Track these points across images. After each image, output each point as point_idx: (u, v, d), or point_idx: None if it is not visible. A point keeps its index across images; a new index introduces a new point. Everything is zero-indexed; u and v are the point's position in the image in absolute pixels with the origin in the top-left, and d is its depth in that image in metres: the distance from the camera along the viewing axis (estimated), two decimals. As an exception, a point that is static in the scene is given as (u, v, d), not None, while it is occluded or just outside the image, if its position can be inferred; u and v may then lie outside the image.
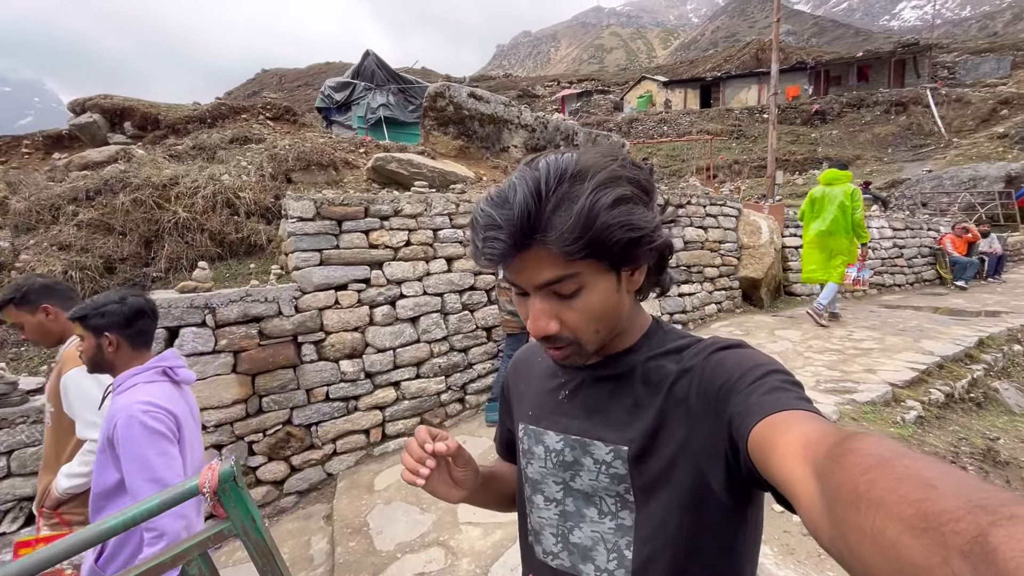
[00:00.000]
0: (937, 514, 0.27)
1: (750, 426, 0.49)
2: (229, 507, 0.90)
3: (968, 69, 29.11)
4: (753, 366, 0.55)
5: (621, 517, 0.64)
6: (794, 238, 7.25)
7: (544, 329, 0.60)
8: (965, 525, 0.25)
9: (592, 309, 0.60)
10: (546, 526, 0.71)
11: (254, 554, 0.92)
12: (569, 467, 0.68)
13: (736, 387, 0.54)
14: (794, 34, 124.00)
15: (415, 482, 0.64)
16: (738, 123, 25.65)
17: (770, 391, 0.51)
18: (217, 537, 0.90)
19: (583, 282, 0.58)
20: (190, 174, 3.92)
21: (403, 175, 4.95)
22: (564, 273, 0.57)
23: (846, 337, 4.94)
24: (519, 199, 0.54)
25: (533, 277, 0.58)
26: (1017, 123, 19.85)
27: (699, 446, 0.58)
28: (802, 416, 0.46)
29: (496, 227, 0.55)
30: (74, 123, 5.59)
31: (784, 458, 0.43)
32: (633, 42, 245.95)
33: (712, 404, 0.56)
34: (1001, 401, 3.96)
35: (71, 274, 3.31)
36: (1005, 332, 4.95)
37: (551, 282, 0.58)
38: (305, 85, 49.25)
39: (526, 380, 0.82)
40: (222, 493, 0.90)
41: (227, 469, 0.90)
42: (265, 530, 0.94)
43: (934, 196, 13.99)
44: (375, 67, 9.63)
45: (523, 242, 0.55)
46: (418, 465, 0.64)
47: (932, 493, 0.28)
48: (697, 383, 0.59)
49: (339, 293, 3.47)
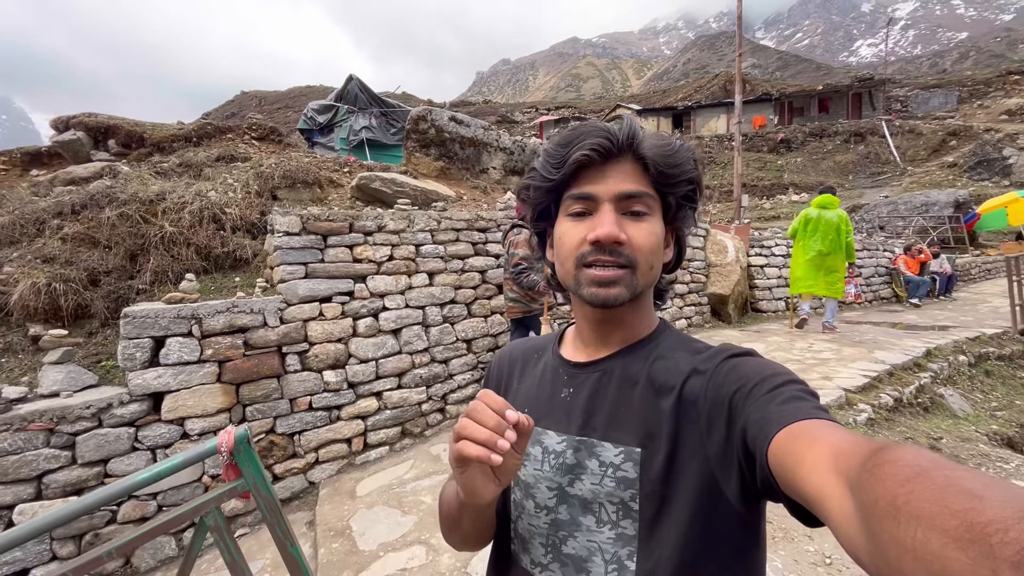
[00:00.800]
0: (984, 524, 0.26)
1: (769, 436, 0.47)
2: (243, 466, 1.03)
3: (919, 103, 31.13)
4: (770, 375, 0.54)
5: (622, 526, 0.60)
6: (759, 257, 7.64)
7: (615, 234, 0.60)
8: (1015, 535, 0.24)
9: (654, 235, 0.63)
10: (535, 535, 0.67)
11: (263, 508, 1.05)
12: (569, 470, 0.64)
13: (752, 394, 0.53)
14: (760, 67, 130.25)
15: (488, 458, 0.50)
16: (708, 150, 26.74)
17: (788, 400, 0.50)
18: (231, 493, 1.03)
19: (651, 208, 0.64)
20: (177, 190, 4.02)
21: (387, 193, 5.13)
22: (644, 190, 0.63)
23: (807, 349, 5.24)
24: (627, 122, 0.64)
25: (616, 185, 0.62)
26: (965, 153, 21.28)
27: (711, 452, 0.56)
28: (826, 426, 0.45)
29: (603, 132, 0.62)
30: (57, 140, 5.62)
31: (813, 471, 0.41)
32: (608, 72, 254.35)
33: (725, 410, 0.55)
34: (946, 406, 4.26)
35: (55, 286, 3.34)
36: (951, 344, 5.32)
37: (630, 195, 0.62)
38: (285, 107, 49.32)
39: (520, 376, 0.78)
40: (237, 454, 1.03)
41: (242, 432, 1.04)
42: (272, 487, 1.07)
43: (890, 220, 14.83)
44: (358, 91, 9.89)
45: (624, 147, 0.62)
46: (495, 435, 0.51)
47: (977, 503, 0.27)
48: (710, 387, 0.58)
49: (323, 305, 3.58)
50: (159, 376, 2.92)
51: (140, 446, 2.87)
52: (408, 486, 3.17)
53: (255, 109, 46.25)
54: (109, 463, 2.77)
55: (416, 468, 3.44)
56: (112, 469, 2.78)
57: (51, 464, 2.62)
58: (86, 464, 2.70)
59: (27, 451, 2.58)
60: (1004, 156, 19.38)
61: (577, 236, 0.63)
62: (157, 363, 2.95)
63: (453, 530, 0.72)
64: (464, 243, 4.41)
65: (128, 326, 2.87)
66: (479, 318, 4.43)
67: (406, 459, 3.63)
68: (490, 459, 0.50)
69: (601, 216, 0.61)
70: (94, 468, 2.73)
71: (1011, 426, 3.99)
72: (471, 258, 4.45)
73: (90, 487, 2.72)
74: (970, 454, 3.34)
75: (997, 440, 3.74)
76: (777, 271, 7.79)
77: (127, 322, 2.87)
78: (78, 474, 2.68)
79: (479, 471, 0.55)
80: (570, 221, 0.64)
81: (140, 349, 2.90)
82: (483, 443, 0.50)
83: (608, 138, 0.61)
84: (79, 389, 2.89)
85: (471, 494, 0.56)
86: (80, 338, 3.28)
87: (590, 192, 0.62)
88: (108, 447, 2.76)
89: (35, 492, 2.61)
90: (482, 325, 4.43)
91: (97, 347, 3.29)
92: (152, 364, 2.95)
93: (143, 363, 2.91)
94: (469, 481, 0.55)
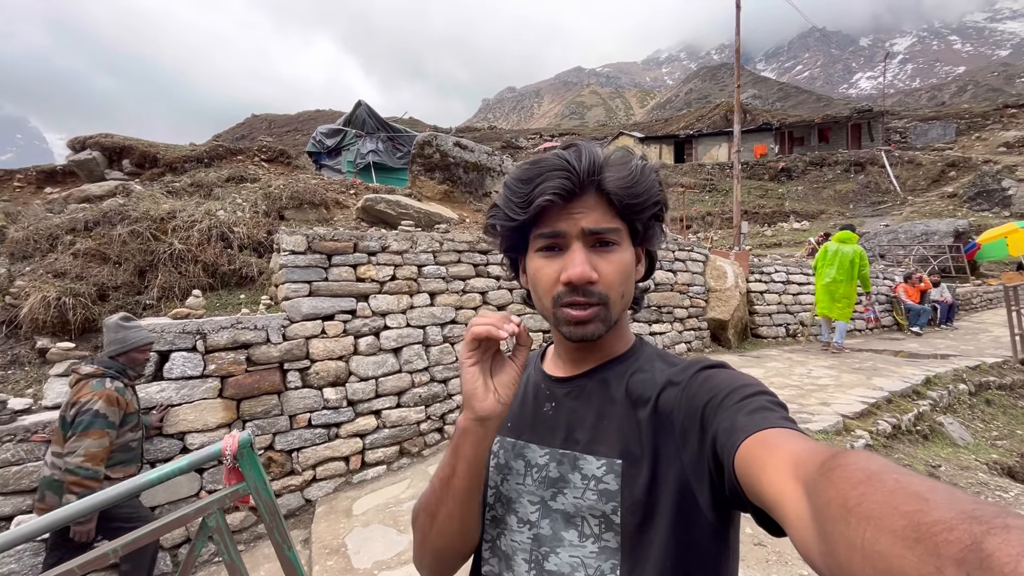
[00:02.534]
0: (930, 524, 0.27)
1: (736, 444, 0.48)
2: (246, 469, 1.07)
3: (918, 134, 31.57)
4: (740, 385, 0.56)
5: (605, 539, 0.61)
6: (759, 283, 7.69)
7: (586, 274, 0.61)
8: (959, 534, 0.25)
9: (624, 265, 0.64)
10: (518, 550, 0.66)
11: (263, 511, 1.08)
12: (553, 484, 0.65)
13: (723, 404, 0.54)
14: (760, 98, 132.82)
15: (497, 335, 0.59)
16: (710, 177, 27.09)
17: (756, 410, 0.51)
18: (233, 495, 1.07)
19: (620, 240, 0.64)
20: (187, 209, 4.14)
21: (391, 215, 5.24)
22: (610, 225, 0.63)
23: (805, 375, 5.24)
24: (586, 151, 0.63)
25: (582, 221, 0.62)
26: (963, 184, 21.47)
27: (686, 462, 0.57)
28: (789, 434, 0.47)
29: (563, 168, 0.61)
30: (73, 159, 5.81)
31: (774, 477, 0.43)
32: (612, 100, 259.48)
33: (698, 420, 0.56)
34: (946, 434, 4.24)
35: (64, 300, 3.42)
36: (951, 372, 5.31)
37: (597, 231, 0.62)
38: (294, 131, 50.40)
39: None
40: (240, 457, 1.08)
41: (245, 437, 1.08)
42: (272, 491, 1.11)
43: (891, 248, 14.90)
44: (366, 116, 10.16)
45: (586, 182, 0.62)
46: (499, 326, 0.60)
47: (924, 505, 0.28)
48: (684, 398, 0.59)
49: (326, 323, 3.64)
50: (162, 390, 2.97)
51: (140, 459, 2.89)
52: (404, 505, 3.17)
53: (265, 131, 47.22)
54: (108, 476, 2.79)
55: (413, 487, 3.44)
56: (111, 482, 2.80)
57: (52, 476, 2.64)
58: (86, 476, 2.72)
59: (28, 462, 2.61)
60: (1003, 187, 19.57)
61: (551, 275, 0.64)
62: (161, 377, 3.00)
63: (430, 517, 0.67)
64: (466, 264, 4.49)
65: (134, 340, 2.93)
66: (479, 338, 4.47)
67: (403, 478, 3.63)
68: (498, 333, 0.59)
69: (572, 255, 0.62)
70: (94, 481, 2.75)
71: (1012, 455, 3.97)
72: (472, 279, 4.52)
73: (88, 500, 2.74)
74: (968, 483, 3.32)
75: (997, 469, 3.72)
76: (777, 297, 7.82)
77: (133, 336, 2.93)
78: (77, 486, 2.70)
79: (480, 375, 0.61)
80: (541, 258, 0.65)
81: (146, 363, 2.95)
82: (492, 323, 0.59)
83: (569, 178, 0.61)
84: (83, 402, 2.93)
85: (472, 396, 0.60)
86: (86, 352, 3.34)
87: (558, 230, 0.63)
88: (108, 460, 2.78)
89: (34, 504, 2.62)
90: (482, 345, 4.47)
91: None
92: (156, 378, 3.00)
93: (148, 377, 2.96)
94: (472, 381, 0.60)
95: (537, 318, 4.37)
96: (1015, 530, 0.24)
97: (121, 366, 2.54)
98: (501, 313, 0.63)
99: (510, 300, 4.67)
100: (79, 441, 2.30)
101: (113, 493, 0.97)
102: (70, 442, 2.30)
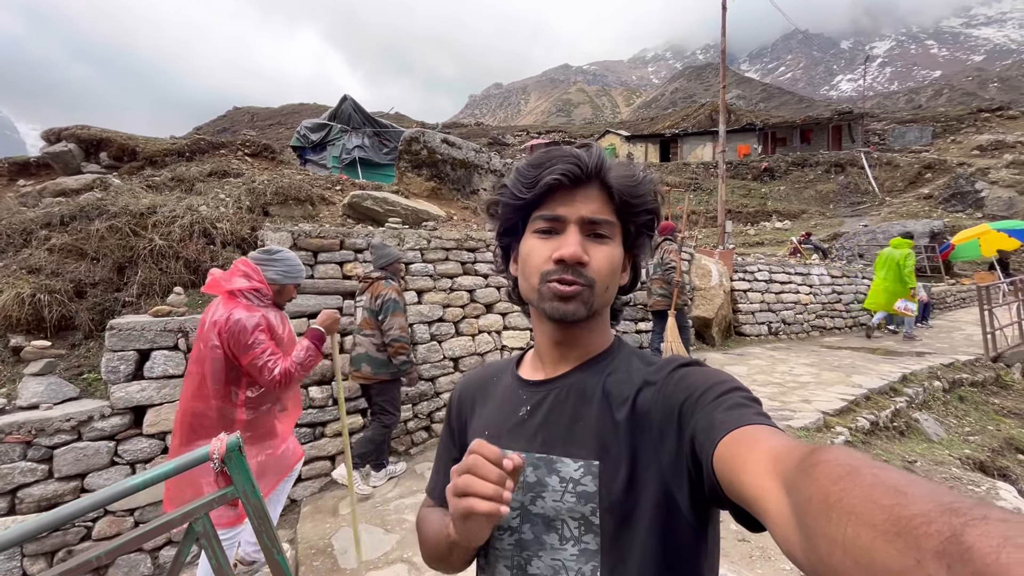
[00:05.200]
0: (909, 518, 0.27)
1: (715, 442, 0.49)
2: (234, 473, 1.06)
3: (896, 136, 32.27)
4: (715, 383, 0.56)
5: (585, 541, 0.61)
6: (742, 282, 7.81)
7: (579, 254, 0.64)
8: (938, 527, 0.25)
9: (614, 259, 0.67)
10: (500, 557, 0.67)
11: (252, 515, 1.07)
12: (531, 488, 0.65)
13: (699, 403, 0.54)
14: (744, 98, 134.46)
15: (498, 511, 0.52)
16: (695, 176, 27.35)
17: (732, 407, 0.52)
18: (221, 499, 1.06)
19: (612, 234, 0.68)
20: (168, 204, 4.04)
21: (378, 212, 5.19)
22: (607, 217, 0.67)
23: (787, 372, 5.34)
24: (596, 150, 0.68)
25: (583, 209, 0.66)
26: (939, 186, 22.04)
27: (665, 462, 0.57)
28: (766, 431, 0.47)
29: (573, 159, 0.66)
30: (48, 151, 5.62)
31: (753, 474, 0.43)
32: (599, 98, 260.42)
33: (675, 419, 0.56)
34: (921, 430, 4.36)
35: (39, 297, 3.32)
36: (927, 369, 5.46)
37: (595, 220, 0.66)
38: (277, 124, 49.59)
39: (481, 402, 0.79)
40: (228, 460, 1.06)
41: (233, 440, 1.07)
42: (260, 495, 1.10)
43: (869, 248, 15.23)
44: (352, 111, 10.04)
45: (592, 174, 0.66)
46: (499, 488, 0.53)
47: (903, 499, 0.29)
48: (661, 398, 0.60)
49: (311, 321, 3.59)
50: (143, 389, 2.91)
51: (120, 460, 2.83)
52: (392, 504, 3.16)
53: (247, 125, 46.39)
54: (87, 478, 2.73)
55: (400, 486, 3.42)
56: (89, 484, 2.74)
57: (26, 478, 2.58)
58: (63, 478, 2.66)
59: (2, 464, 2.54)
60: (976, 189, 20.14)
61: (543, 253, 0.66)
62: (141, 376, 2.94)
63: (439, 562, 0.72)
64: (453, 262, 4.47)
65: (114, 338, 2.86)
66: (467, 336, 4.46)
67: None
68: (500, 512, 0.52)
69: (567, 237, 0.65)
70: (71, 482, 2.69)
71: (983, 451, 4.10)
72: (460, 277, 4.51)
73: (66, 502, 2.66)
74: (943, 477, 3.42)
75: (970, 464, 3.84)
76: (760, 296, 7.95)
77: (113, 334, 2.87)
78: (54, 488, 2.64)
79: (481, 520, 0.54)
80: (537, 239, 0.67)
81: (125, 362, 2.89)
82: (490, 498, 0.52)
83: (578, 164, 0.65)
84: (59, 401, 2.86)
85: (469, 539, 0.58)
86: (63, 350, 3.25)
87: (558, 214, 0.66)
88: (87, 461, 2.72)
89: (8, 507, 2.56)
90: (469, 344, 4.46)
91: (80, 359, 3.26)
92: (136, 377, 2.93)
93: (127, 376, 2.89)
94: (472, 531, 0.56)
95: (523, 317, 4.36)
96: (993, 521, 0.24)
97: (390, 273, 3.38)
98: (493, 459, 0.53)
99: (498, 298, 4.66)
100: (392, 320, 3.20)
101: (89, 501, 0.95)
102: (385, 322, 3.20)
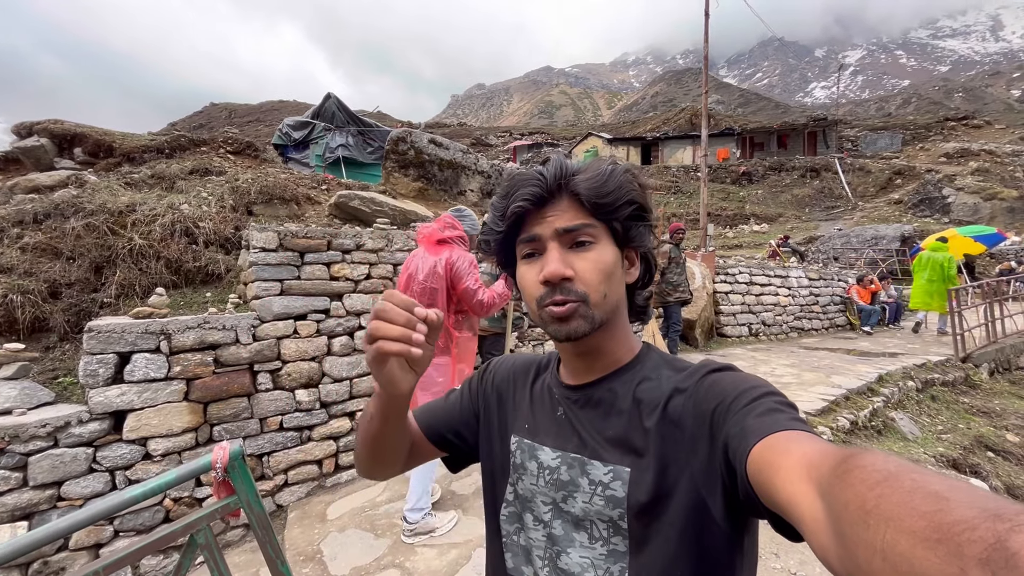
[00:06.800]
0: (951, 524, 0.26)
1: (748, 448, 0.48)
2: (237, 482, 1.03)
3: (868, 143, 33.30)
4: (748, 388, 0.55)
5: (614, 543, 0.62)
6: (724, 284, 7.94)
7: (559, 272, 0.62)
8: (982, 533, 0.25)
9: (603, 263, 0.65)
10: (534, 547, 0.69)
11: (255, 525, 1.04)
12: (563, 487, 0.66)
13: (732, 408, 0.54)
14: (723, 103, 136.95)
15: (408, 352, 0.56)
16: (675, 179, 27.77)
17: (766, 412, 0.51)
18: (224, 510, 1.03)
19: (596, 236, 0.65)
20: (148, 202, 3.92)
21: (365, 212, 5.13)
22: (583, 222, 0.65)
23: (769, 373, 5.46)
24: (556, 161, 0.67)
25: (555, 222, 0.65)
26: (909, 191, 22.83)
27: (696, 469, 0.57)
28: (800, 436, 0.46)
29: (534, 179, 0.65)
30: (18, 146, 5.40)
31: (787, 480, 0.42)
32: (580, 101, 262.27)
33: (707, 426, 0.56)
34: (897, 429, 4.50)
35: (11, 297, 3.19)
36: (901, 370, 5.64)
37: (571, 229, 0.64)
38: (257, 121, 48.64)
39: (520, 390, 0.79)
40: (231, 469, 1.03)
41: (236, 449, 1.04)
42: (263, 505, 1.07)
43: (844, 251, 15.68)
44: (336, 109, 9.91)
45: (555, 187, 0.65)
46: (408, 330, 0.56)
47: (944, 504, 0.28)
48: (691, 404, 0.59)
49: (298, 323, 3.53)
50: (123, 394, 2.81)
51: (98, 467, 2.73)
52: (381, 508, 3.12)
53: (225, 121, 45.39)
54: (63, 485, 2.62)
55: (389, 490, 3.39)
56: (66, 492, 2.63)
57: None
58: (38, 487, 2.56)
59: (-25, 472, 2.43)
60: (944, 195, 20.91)
61: (532, 279, 0.66)
62: (121, 380, 2.84)
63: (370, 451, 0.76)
64: (442, 264, 4.44)
65: (92, 341, 2.77)
66: (455, 338, 4.44)
67: (379, 481, 3.57)
68: (411, 352, 0.55)
69: (548, 255, 0.65)
70: (47, 491, 2.58)
71: (955, 448, 4.25)
72: (448, 279, 4.48)
73: (41, 511, 2.57)
74: (920, 475, 3.53)
75: (943, 461, 3.97)
76: (740, 298, 8.10)
77: (91, 336, 2.77)
78: (29, 497, 2.53)
79: (396, 365, 0.59)
80: (525, 264, 0.68)
81: (104, 365, 2.79)
82: (398, 339, 0.55)
83: (538, 185, 0.65)
84: (34, 407, 2.74)
85: (392, 385, 0.60)
86: (37, 353, 3.13)
87: (534, 234, 0.66)
88: (63, 468, 2.62)
89: (-20, 517, 2.44)
90: (458, 345, 4.44)
91: (55, 363, 3.14)
92: (116, 381, 2.83)
93: (106, 380, 2.79)
94: (388, 375, 0.59)
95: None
96: None
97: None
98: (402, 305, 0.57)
99: (486, 300, 4.64)
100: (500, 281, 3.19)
101: (87, 514, 0.92)
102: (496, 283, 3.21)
